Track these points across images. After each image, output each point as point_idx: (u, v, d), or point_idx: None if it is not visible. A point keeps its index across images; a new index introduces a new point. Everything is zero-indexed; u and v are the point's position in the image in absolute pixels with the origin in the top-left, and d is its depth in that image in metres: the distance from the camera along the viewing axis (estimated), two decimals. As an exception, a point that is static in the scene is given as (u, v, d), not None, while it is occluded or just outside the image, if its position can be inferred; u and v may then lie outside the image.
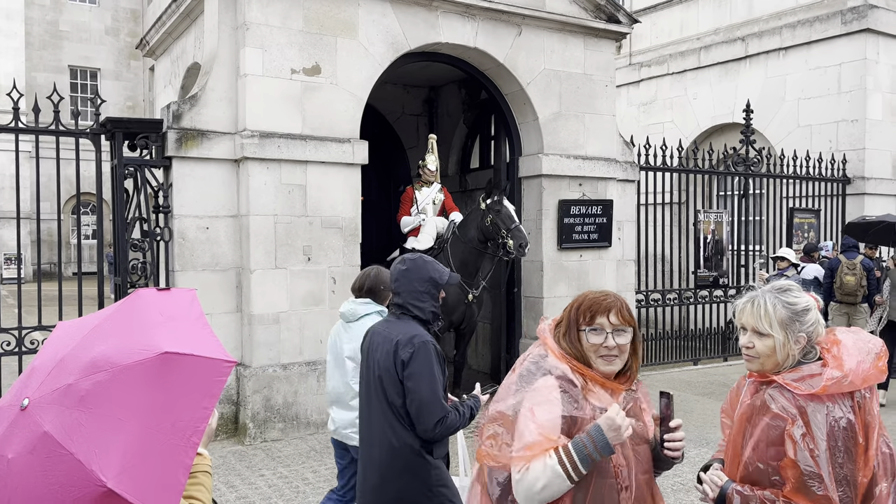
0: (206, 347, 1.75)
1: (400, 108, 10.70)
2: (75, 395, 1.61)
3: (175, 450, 1.61)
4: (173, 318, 1.82)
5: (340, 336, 3.92)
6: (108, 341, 1.71)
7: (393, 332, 2.93)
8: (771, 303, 2.13)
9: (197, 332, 1.80)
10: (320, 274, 6.87)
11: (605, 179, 8.63)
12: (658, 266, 10.42)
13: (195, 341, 1.75)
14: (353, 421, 3.74)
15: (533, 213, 8.36)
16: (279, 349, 6.68)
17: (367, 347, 3.05)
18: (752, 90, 12.23)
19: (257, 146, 6.52)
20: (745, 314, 2.18)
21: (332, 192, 6.92)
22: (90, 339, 1.74)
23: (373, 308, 3.85)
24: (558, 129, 8.30)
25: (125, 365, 1.64)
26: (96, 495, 1.50)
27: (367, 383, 2.98)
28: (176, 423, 1.62)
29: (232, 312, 6.68)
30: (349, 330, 3.87)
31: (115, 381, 1.62)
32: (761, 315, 2.13)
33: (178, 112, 6.47)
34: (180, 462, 1.61)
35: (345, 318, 3.91)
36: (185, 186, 6.48)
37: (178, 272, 6.46)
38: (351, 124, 7.01)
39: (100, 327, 1.79)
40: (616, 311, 2.18)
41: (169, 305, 1.89)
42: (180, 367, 1.67)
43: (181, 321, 1.82)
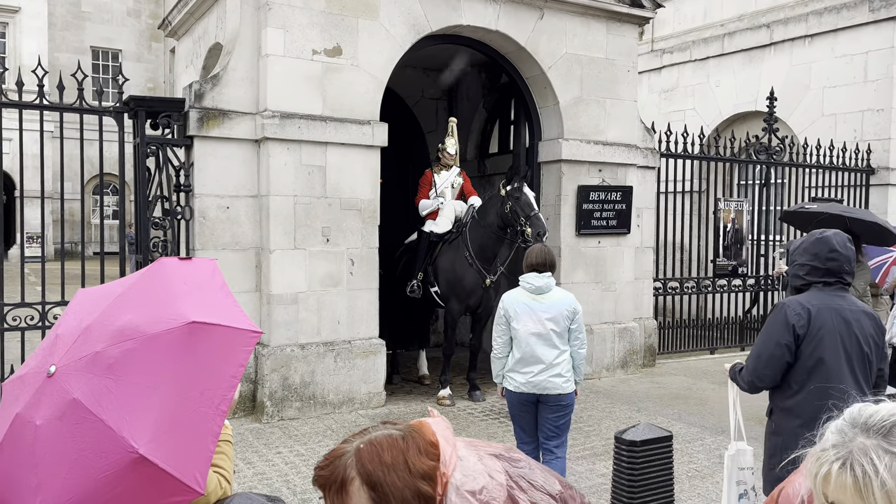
0: (232, 317, 1.76)
1: (420, 92, 10.66)
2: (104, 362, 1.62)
3: (204, 418, 1.62)
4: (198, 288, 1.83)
5: (533, 306, 4.33)
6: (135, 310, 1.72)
7: (855, 305, 3.18)
8: (889, 471, 1.12)
9: (222, 302, 1.81)
10: (339, 255, 6.89)
11: (625, 166, 8.56)
12: (676, 254, 10.35)
13: (221, 311, 1.76)
14: (553, 373, 4.30)
15: (552, 199, 8.32)
16: (297, 329, 6.72)
17: (834, 321, 3.12)
18: (776, 78, 12.05)
19: (278, 126, 6.53)
20: (840, 489, 1.15)
21: (352, 173, 6.92)
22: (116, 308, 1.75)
23: (554, 281, 4.42)
24: (579, 114, 8.23)
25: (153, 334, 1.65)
26: (127, 461, 1.50)
27: (849, 355, 3.12)
28: (205, 392, 1.63)
29: (251, 292, 6.73)
30: (543, 301, 4.34)
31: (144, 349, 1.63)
32: (876, 495, 1.11)
33: (199, 91, 6.49)
34: (209, 430, 1.62)
35: (540, 291, 4.35)
36: (207, 166, 6.51)
37: (199, 251, 6.50)
38: (371, 106, 7.00)
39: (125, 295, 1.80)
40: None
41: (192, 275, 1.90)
42: (208, 337, 1.68)
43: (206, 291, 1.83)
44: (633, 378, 8.54)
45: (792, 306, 3.12)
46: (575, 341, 4.39)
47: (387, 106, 7.42)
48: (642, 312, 9.10)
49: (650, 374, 8.80)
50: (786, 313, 3.11)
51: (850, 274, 3.18)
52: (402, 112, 10.23)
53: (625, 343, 8.64)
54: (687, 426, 6.60)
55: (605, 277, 8.47)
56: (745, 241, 10.41)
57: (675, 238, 10.05)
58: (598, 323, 8.45)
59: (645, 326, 9.06)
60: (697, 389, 8.03)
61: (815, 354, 3.06)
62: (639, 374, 8.69)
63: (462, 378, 8.17)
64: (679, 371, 9.02)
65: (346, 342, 6.96)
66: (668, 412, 7.09)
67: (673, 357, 9.83)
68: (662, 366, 9.25)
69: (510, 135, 9.89)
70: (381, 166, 7.18)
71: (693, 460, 5.67)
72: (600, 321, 8.48)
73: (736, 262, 10.32)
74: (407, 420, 1.27)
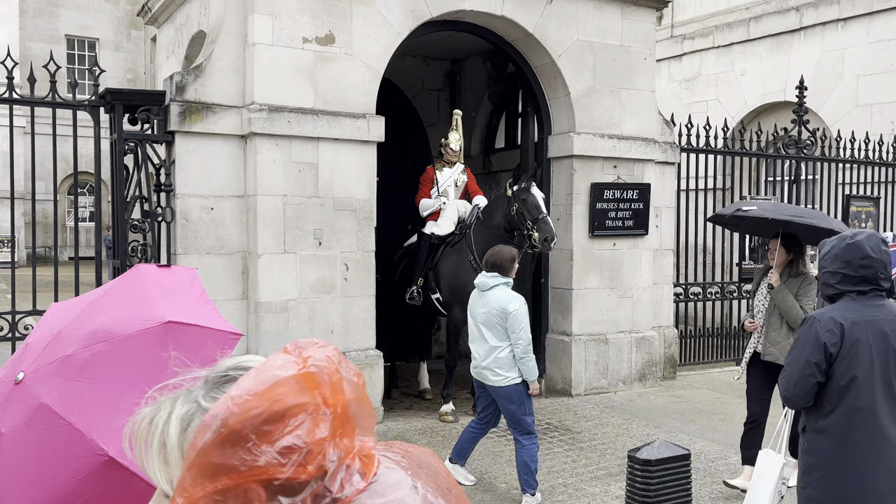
0: (211, 320, 1.79)
1: (420, 83, 10.69)
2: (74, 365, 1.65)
3: None
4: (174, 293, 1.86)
5: (476, 301, 5.24)
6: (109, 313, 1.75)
7: (894, 314, 3.16)
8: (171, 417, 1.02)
9: (200, 307, 1.85)
10: (332, 259, 6.91)
11: (642, 161, 8.58)
12: (699, 257, 10.34)
13: (198, 314, 1.79)
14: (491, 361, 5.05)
15: (562, 198, 8.33)
16: (287, 340, 6.72)
17: (869, 336, 3.10)
18: (806, 65, 12.05)
19: (266, 121, 6.56)
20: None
21: (346, 171, 6.94)
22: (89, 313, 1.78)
23: (500, 280, 5.12)
24: (592, 106, 8.25)
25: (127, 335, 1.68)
26: (97, 465, 1.53)
27: (885, 370, 3.10)
28: None
29: (237, 299, 6.75)
30: (484, 298, 5.14)
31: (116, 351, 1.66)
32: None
33: (181, 83, 6.52)
34: None
35: (482, 288, 5.19)
36: (189, 163, 6.55)
37: (181, 255, 6.53)
38: (366, 98, 7.02)
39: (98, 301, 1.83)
40: None
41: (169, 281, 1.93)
42: (185, 338, 1.71)
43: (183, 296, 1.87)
44: (652, 392, 8.53)
45: (823, 322, 3.10)
46: (512, 342, 5.03)
47: (384, 98, 7.45)
48: (662, 320, 9.10)
49: (670, 387, 8.79)
50: (817, 330, 3.10)
51: (888, 279, 3.17)
52: (400, 104, 10.25)
53: (643, 354, 8.65)
54: (710, 444, 6.60)
55: (620, 282, 8.48)
56: (773, 243, 10.40)
57: (698, 239, 10.05)
58: (613, 332, 8.45)
59: (664, 335, 9.05)
60: (722, 404, 8.03)
61: (849, 373, 3.05)
62: (658, 388, 8.69)
63: (466, 392, 8.17)
64: (702, 384, 9.01)
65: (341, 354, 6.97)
66: (690, 429, 7.09)
67: (695, 369, 9.82)
68: (684, 378, 9.24)
69: (517, 128, 9.91)
70: (378, 163, 7.19)
71: (716, 481, 5.67)
72: (616, 330, 8.48)
73: (763, 264, 10.31)
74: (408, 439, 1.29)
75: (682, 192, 9.70)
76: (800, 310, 5.18)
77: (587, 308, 8.29)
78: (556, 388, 8.34)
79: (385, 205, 7.86)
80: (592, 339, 8.30)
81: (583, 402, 7.99)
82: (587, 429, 7.08)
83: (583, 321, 8.27)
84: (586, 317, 8.28)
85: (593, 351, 8.30)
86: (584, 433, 6.95)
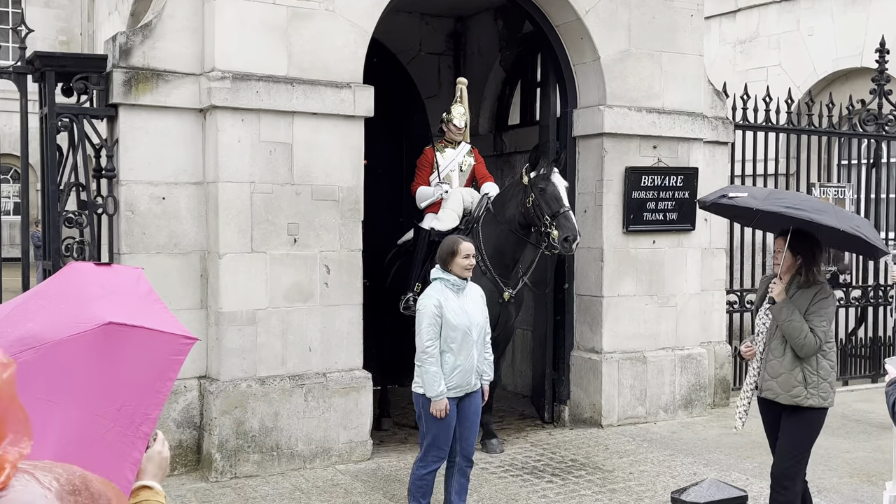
0: (160, 321, 1.81)
1: (416, 45, 10.71)
2: None
3: (121, 439, 1.66)
4: (116, 292, 1.88)
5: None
6: (38, 318, 1.77)
7: None
8: None
9: (148, 307, 1.86)
10: (310, 260, 6.92)
11: (687, 140, 8.58)
12: (757, 257, 10.34)
13: (146, 315, 1.81)
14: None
15: (591, 185, 8.34)
16: (255, 358, 6.75)
17: None
18: (888, 24, 12.05)
19: (229, 91, 6.57)
20: None
21: (327, 153, 6.95)
22: (15, 318, 1.79)
23: (437, 275, 5.45)
24: (626, 73, 8.26)
25: (58, 340, 1.69)
26: None
27: None
28: (123, 408, 1.68)
29: (194, 308, 6.77)
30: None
31: (46, 359, 1.67)
32: None
33: (126, 46, 6.54)
34: (127, 455, 1.66)
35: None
36: (136, 143, 6.55)
37: (126, 255, 6.54)
38: (352, 64, 7.03)
39: (24, 305, 1.84)
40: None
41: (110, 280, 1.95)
42: (128, 342, 1.73)
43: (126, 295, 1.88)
44: (700, 421, 8.53)
45: None
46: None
47: (373, 64, 7.45)
48: (712, 335, 9.10)
49: (722, 415, 8.79)
50: None
51: None
52: (393, 72, 10.26)
53: (689, 375, 8.65)
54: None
55: (661, 289, 8.49)
56: (847, 240, 10.39)
57: (755, 236, 10.06)
58: (652, 349, 8.46)
59: (715, 353, 9.05)
60: (785, 436, 8.03)
61: None
62: (707, 417, 8.68)
63: (473, 422, 8.20)
64: (761, 412, 9.00)
65: (321, 375, 6.98)
66: (746, 466, 7.09)
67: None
68: (739, 405, 9.22)
69: (535, 101, 9.91)
70: (367, 143, 7.20)
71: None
72: (656, 346, 8.49)
73: (836, 267, 10.31)
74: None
75: (736, 178, 9.70)
76: (808, 333, 4.80)
77: (621, 319, 8.29)
78: (583, 416, 8.34)
79: (374, 194, 7.87)
80: (627, 358, 8.30)
81: (615, 435, 7.99)
82: (621, 467, 7.08)
83: (615, 335, 8.27)
84: (620, 330, 8.29)
85: (628, 372, 8.30)
86: (616, 472, 6.95)
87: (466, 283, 5.48)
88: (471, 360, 5.40)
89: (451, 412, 5.35)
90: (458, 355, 5.35)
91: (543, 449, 7.60)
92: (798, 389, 4.89)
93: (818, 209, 4.95)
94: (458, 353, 5.35)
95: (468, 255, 5.42)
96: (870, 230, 5.11)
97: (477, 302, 5.55)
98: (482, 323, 5.53)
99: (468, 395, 5.49)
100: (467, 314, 5.39)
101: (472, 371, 5.43)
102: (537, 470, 6.99)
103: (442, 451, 5.42)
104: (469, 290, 5.51)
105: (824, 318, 4.88)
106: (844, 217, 5.14)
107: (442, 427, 5.35)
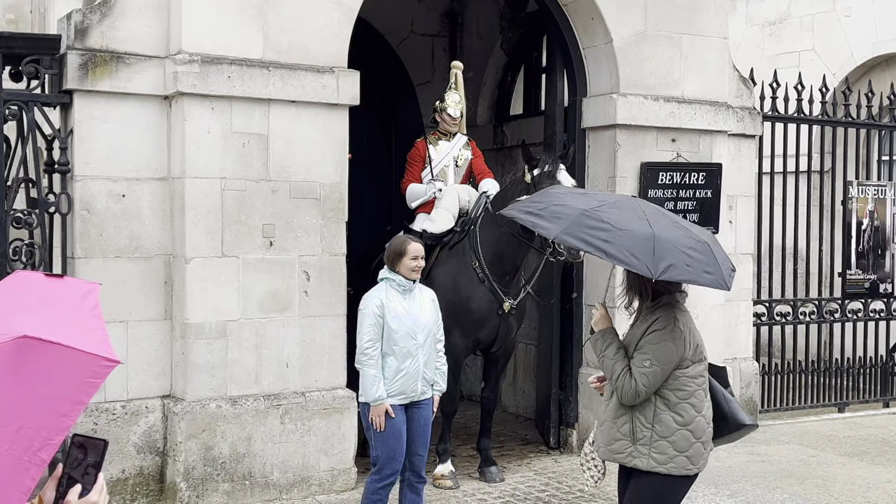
0: (84, 339, 1.82)
1: (408, 26, 10.71)
2: None
3: (15, 464, 1.68)
4: (53, 305, 1.89)
5: None
6: None
7: None
8: None
9: (82, 324, 1.88)
10: (287, 266, 6.91)
11: (710, 133, 8.59)
12: (787, 264, 10.36)
13: (72, 332, 1.82)
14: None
15: (602, 183, 8.35)
16: (226, 375, 6.74)
17: None
18: (934, 4, 12.09)
19: (197, 76, 6.57)
20: None
21: (307, 145, 6.95)
22: None
23: (383, 275, 5.79)
24: (642, 58, 8.27)
25: None
26: None
27: None
28: (22, 430, 1.69)
29: (157, 320, 6.75)
30: None
31: None
32: None
33: (82, 25, 6.53)
34: (18, 482, 1.68)
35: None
36: (93, 134, 6.54)
37: (81, 259, 6.54)
38: (335, 46, 7.03)
39: None
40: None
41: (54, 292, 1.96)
42: (41, 359, 1.74)
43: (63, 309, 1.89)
44: (724, 448, 8.52)
45: None
46: None
47: (359, 46, 7.45)
48: (737, 350, 9.10)
49: (749, 441, 8.77)
50: None
51: None
52: (381, 55, 10.27)
53: (711, 396, 8.64)
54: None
55: (681, 298, 8.48)
56: (889, 245, 10.42)
57: (786, 240, 10.06)
58: (671, 366, 8.45)
59: (741, 371, 9.05)
60: (818, 464, 8.03)
61: None
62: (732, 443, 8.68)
63: (470, 448, 8.17)
64: (792, 437, 9.01)
65: (299, 394, 6.97)
66: (774, 498, 7.10)
67: (783, 416, 9.82)
68: (767, 429, 9.24)
69: (540, 89, 9.92)
70: (352, 135, 7.20)
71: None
72: (675, 363, 8.48)
73: (876, 275, 10.33)
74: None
75: (765, 175, 9.71)
76: (622, 374, 4.25)
77: (635, 333, 8.29)
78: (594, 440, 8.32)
79: (360, 192, 7.87)
80: (642, 376, 8.30)
81: (629, 462, 7.99)
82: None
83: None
84: (634, 345, 8.28)
85: (643, 392, 8.29)
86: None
87: (414, 284, 5.78)
88: (416, 365, 5.64)
89: (398, 421, 5.60)
90: (401, 359, 5.60)
91: (548, 478, 7.59)
92: (620, 444, 4.32)
93: (625, 244, 4.12)
94: (402, 357, 5.60)
95: (416, 256, 5.72)
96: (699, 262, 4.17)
97: (426, 305, 5.83)
98: (430, 327, 5.78)
99: (416, 405, 5.74)
100: (412, 316, 5.66)
101: (417, 377, 5.67)
102: (541, 501, 6.98)
103: (395, 463, 5.66)
104: (418, 293, 5.82)
105: (649, 357, 4.19)
106: (668, 248, 4.11)
107: (390, 437, 5.60)
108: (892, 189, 10.54)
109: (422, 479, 5.89)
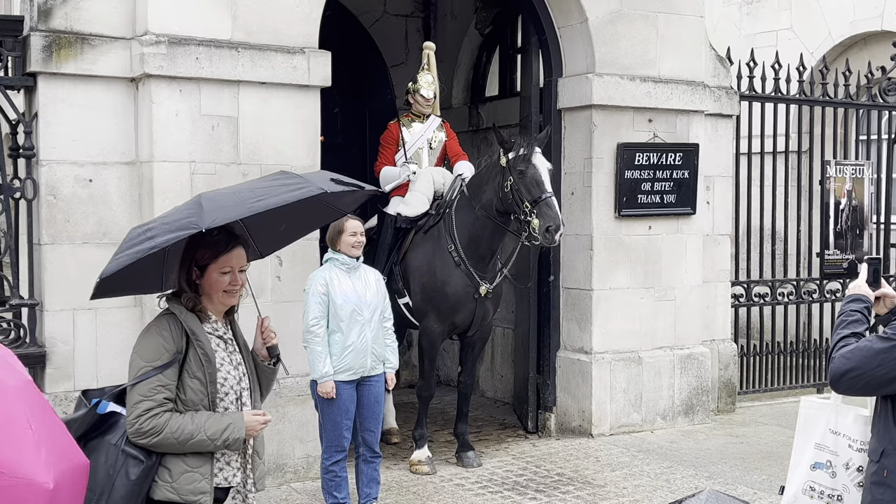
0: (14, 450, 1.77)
1: (381, 6, 10.67)
2: None
3: None
4: None
5: None
6: None
7: None
8: None
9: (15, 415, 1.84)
10: (259, 251, 6.89)
11: (687, 113, 8.61)
12: (765, 245, 10.41)
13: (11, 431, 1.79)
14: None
15: (578, 164, 8.36)
16: (198, 362, 6.72)
17: None
18: (911, -18, 12.15)
19: (165, 58, 6.52)
20: None
21: (278, 128, 6.92)
22: None
23: (328, 255, 6.10)
24: (618, 37, 8.28)
25: None
26: None
27: None
28: None
29: (128, 307, 6.70)
30: None
31: None
32: None
33: (46, 6, 6.47)
34: None
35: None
36: (58, 118, 6.49)
37: (48, 245, 6.49)
38: (306, 26, 7.00)
39: None
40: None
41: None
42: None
43: None
44: (702, 429, 8.59)
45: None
46: None
47: (331, 27, 7.43)
48: (715, 332, 9.16)
49: (727, 423, 8.86)
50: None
51: None
52: (353, 36, 10.23)
53: (689, 378, 8.71)
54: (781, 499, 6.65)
55: (658, 280, 8.53)
56: (867, 225, 10.48)
57: (764, 221, 10.11)
58: (649, 348, 8.50)
59: (719, 353, 9.11)
60: (797, 445, 8.10)
61: None
62: (710, 424, 8.75)
63: (447, 433, 8.20)
64: (770, 418, 9.09)
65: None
66: (753, 479, 7.15)
67: (762, 398, 9.90)
68: (746, 411, 9.31)
69: (516, 69, 9.91)
70: (323, 117, 7.18)
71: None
72: (652, 345, 8.53)
73: (854, 255, 10.40)
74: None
75: (742, 155, 9.75)
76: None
77: (613, 315, 8.33)
78: (572, 425, 8.38)
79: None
80: (620, 359, 8.34)
81: (607, 445, 8.03)
82: (613, 481, 7.12)
83: (607, 333, 8.31)
84: (612, 327, 8.32)
85: (622, 374, 8.34)
86: (608, 487, 6.99)
87: (358, 262, 6.07)
88: (364, 341, 5.94)
89: (346, 397, 5.89)
90: (347, 335, 5.90)
91: (526, 462, 7.62)
92: None
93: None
94: (348, 333, 5.90)
95: (355, 232, 5.98)
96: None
97: (370, 284, 6.12)
98: (375, 304, 6.06)
99: (366, 381, 6.03)
100: (357, 293, 5.97)
101: (366, 353, 5.97)
102: (519, 485, 7.01)
103: (343, 440, 5.92)
104: (363, 272, 6.13)
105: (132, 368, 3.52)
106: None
107: (336, 413, 5.88)
108: (869, 168, 10.60)
109: (377, 454, 6.13)
